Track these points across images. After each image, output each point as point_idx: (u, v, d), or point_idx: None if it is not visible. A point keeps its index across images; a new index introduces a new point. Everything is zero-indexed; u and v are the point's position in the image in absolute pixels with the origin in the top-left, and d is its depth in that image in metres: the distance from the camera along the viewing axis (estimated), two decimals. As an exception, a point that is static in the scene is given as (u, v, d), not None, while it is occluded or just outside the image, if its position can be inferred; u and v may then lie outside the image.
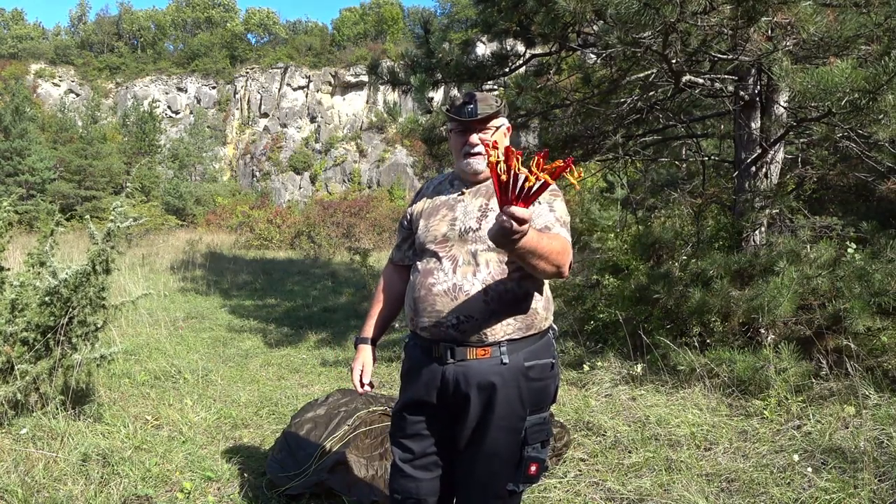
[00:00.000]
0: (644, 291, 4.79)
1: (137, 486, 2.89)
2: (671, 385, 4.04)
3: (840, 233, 4.50)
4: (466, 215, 1.83)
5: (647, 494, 2.68)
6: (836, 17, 3.62)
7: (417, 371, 1.87)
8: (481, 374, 1.75)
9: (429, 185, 2.03)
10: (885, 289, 3.76)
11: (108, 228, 3.55)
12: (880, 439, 2.97)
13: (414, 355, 1.91)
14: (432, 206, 1.92)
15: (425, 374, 1.84)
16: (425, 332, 1.83)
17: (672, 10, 3.33)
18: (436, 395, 1.83)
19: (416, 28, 6.20)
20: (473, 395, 1.76)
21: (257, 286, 10.74)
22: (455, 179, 1.95)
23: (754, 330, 4.32)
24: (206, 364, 5.18)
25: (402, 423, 1.91)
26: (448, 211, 1.87)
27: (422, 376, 1.85)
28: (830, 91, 3.15)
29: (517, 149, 1.40)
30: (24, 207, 20.37)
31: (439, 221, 1.87)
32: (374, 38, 52.30)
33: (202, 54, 50.95)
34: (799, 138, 5.11)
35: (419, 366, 1.86)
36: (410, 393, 1.89)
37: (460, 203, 1.87)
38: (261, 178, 43.66)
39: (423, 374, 1.85)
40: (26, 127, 24.48)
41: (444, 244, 1.82)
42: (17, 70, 46.82)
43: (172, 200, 27.79)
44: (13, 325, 3.34)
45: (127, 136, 35.87)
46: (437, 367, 1.82)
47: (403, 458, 1.90)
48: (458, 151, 1.88)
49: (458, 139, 1.87)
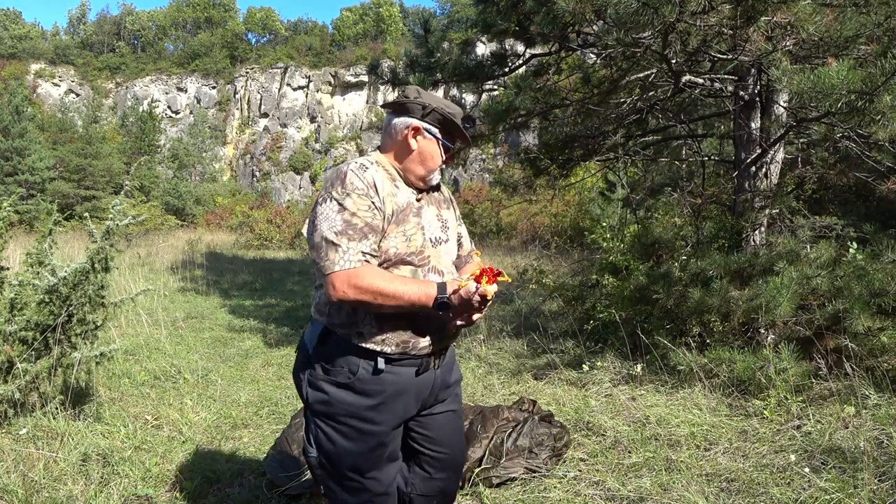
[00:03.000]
0: (644, 291, 4.79)
1: (137, 486, 2.89)
2: (671, 385, 4.04)
3: (840, 233, 4.50)
4: (430, 224, 1.84)
5: (647, 494, 2.68)
6: (835, 17, 3.62)
7: (406, 391, 1.78)
8: (451, 358, 1.99)
9: (372, 178, 1.75)
10: (884, 289, 3.75)
11: (107, 226, 3.55)
12: (880, 439, 2.97)
13: (401, 378, 1.77)
14: (400, 210, 1.77)
15: (417, 388, 1.81)
16: (425, 349, 1.78)
17: (671, 10, 3.33)
18: (420, 401, 1.85)
19: (416, 28, 6.20)
20: (450, 378, 1.97)
21: (257, 286, 10.74)
22: (397, 179, 1.83)
23: (754, 330, 4.32)
24: (206, 364, 5.19)
25: (383, 449, 1.80)
26: (415, 218, 1.80)
27: (412, 393, 1.80)
28: (827, 93, 3.15)
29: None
30: (24, 207, 20.38)
31: (414, 231, 1.78)
32: (374, 38, 52.32)
33: (202, 54, 50.95)
34: (799, 138, 5.11)
35: (408, 386, 1.78)
36: (398, 415, 1.80)
37: (422, 210, 1.84)
38: (261, 178, 43.66)
39: (414, 390, 1.80)
40: (26, 127, 24.46)
41: (422, 256, 1.79)
42: (16, 70, 46.81)
43: (172, 200, 27.77)
44: (12, 324, 3.34)
45: (127, 136, 35.86)
46: (430, 375, 1.83)
47: (389, 482, 1.85)
48: (436, 159, 1.84)
49: (443, 151, 1.86)
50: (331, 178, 1.74)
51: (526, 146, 6.76)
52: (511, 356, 5.33)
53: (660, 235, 5.23)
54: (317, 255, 1.69)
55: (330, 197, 1.70)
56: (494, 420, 3.09)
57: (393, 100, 1.90)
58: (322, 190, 1.75)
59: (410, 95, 1.84)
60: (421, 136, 1.82)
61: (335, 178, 1.72)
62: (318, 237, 1.68)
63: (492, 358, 5.27)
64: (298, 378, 1.85)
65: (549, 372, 4.68)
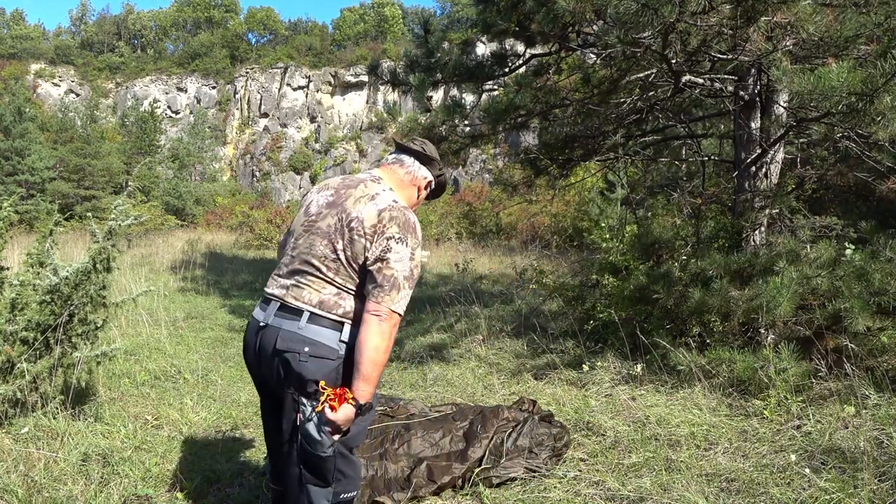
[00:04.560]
0: (644, 291, 4.79)
1: (137, 486, 2.89)
2: (671, 385, 4.04)
3: (840, 233, 4.50)
4: None
5: (647, 494, 2.68)
6: (835, 17, 3.62)
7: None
8: None
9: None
10: (884, 288, 3.76)
11: (109, 226, 3.55)
12: (880, 439, 2.97)
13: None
14: None
15: None
16: None
17: (671, 11, 3.33)
18: None
19: (416, 28, 6.20)
20: None
21: (257, 286, 10.74)
22: None
23: (754, 330, 4.32)
24: (206, 364, 5.19)
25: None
26: None
27: None
28: (827, 93, 3.15)
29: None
30: (24, 207, 20.36)
31: None
32: (374, 38, 52.32)
33: (202, 54, 50.95)
34: (799, 138, 5.11)
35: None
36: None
37: None
38: (261, 178, 43.67)
39: None
40: (27, 126, 24.46)
41: None
42: (17, 70, 46.83)
43: (172, 200, 27.75)
44: (13, 324, 3.34)
45: (127, 136, 35.83)
46: None
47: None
48: (419, 202, 2.19)
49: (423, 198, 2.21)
50: (399, 220, 1.90)
51: (526, 146, 6.76)
52: (511, 356, 5.33)
53: (660, 235, 5.23)
54: (383, 285, 1.84)
55: (406, 243, 1.89)
56: (494, 420, 3.09)
57: (421, 147, 2.15)
58: (391, 224, 1.89)
59: (432, 152, 2.16)
60: (427, 190, 2.18)
61: (408, 225, 1.91)
62: (391, 273, 1.85)
63: (492, 358, 5.27)
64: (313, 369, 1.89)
65: (549, 372, 4.68)
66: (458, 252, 14.92)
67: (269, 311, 1.97)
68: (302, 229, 2.01)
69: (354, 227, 1.89)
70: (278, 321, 1.93)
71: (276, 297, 1.98)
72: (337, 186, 2.05)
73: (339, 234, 1.91)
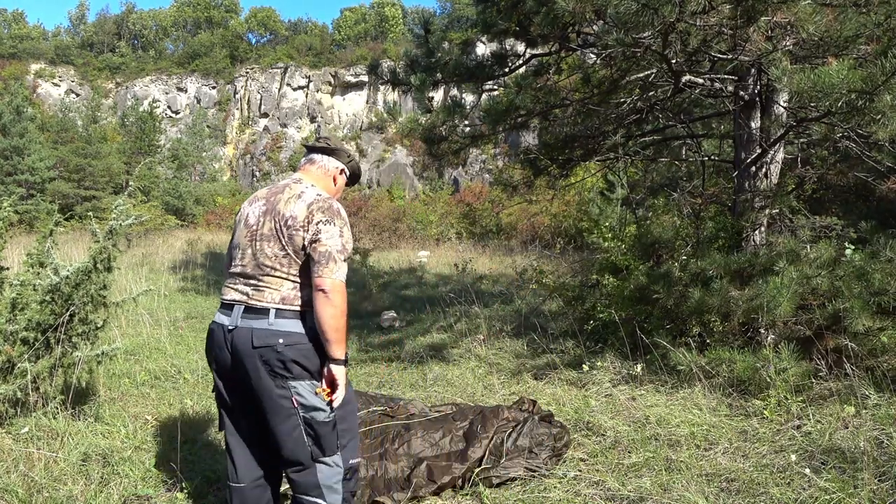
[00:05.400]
0: (644, 291, 4.79)
1: (137, 486, 2.89)
2: (671, 385, 4.04)
3: (840, 233, 4.50)
4: None
5: (647, 494, 2.68)
6: (835, 17, 3.62)
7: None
8: None
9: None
10: (884, 288, 3.75)
11: (110, 226, 3.55)
12: (880, 439, 2.97)
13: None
14: None
15: None
16: None
17: (671, 11, 3.33)
18: None
19: (416, 28, 6.20)
20: None
21: (257, 286, 10.70)
22: None
23: (754, 330, 4.32)
24: (206, 364, 5.18)
25: None
26: None
27: None
28: (827, 93, 3.15)
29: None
30: (23, 207, 20.36)
31: None
32: (374, 38, 52.28)
33: (202, 54, 50.91)
34: (799, 138, 5.11)
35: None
36: None
37: None
38: (261, 178, 43.64)
39: None
40: (26, 126, 24.44)
41: None
42: (17, 70, 46.77)
43: (172, 200, 27.72)
44: (13, 323, 3.34)
45: (127, 136, 35.79)
46: None
47: None
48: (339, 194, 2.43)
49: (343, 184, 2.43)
50: (324, 207, 2.15)
51: (526, 146, 6.75)
52: (511, 356, 5.33)
53: (660, 235, 5.23)
54: (320, 261, 2.06)
55: (333, 223, 2.12)
56: (494, 420, 3.09)
57: (325, 143, 2.39)
58: (318, 212, 2.12)
59: (336, 144, 2.39)
60: (342, 176, 2.40)
61: (332, 210, 2.15)
62: (325, 249, 2.07)
63: (492, 358, 5.27)
64: (288, 356, 2.08)
65: (549, 372, 4.68)
66: (458, 252, 14.92)
67: (235, 315, 2.13)
68: (247, 240, 2.20)
69: (290, 224, 2.12)
70: (247, 322, 2.10)
71: (239, 301, 2.15)
72: (266, 196, 2.27)
73: (280, 234, 2.13)
